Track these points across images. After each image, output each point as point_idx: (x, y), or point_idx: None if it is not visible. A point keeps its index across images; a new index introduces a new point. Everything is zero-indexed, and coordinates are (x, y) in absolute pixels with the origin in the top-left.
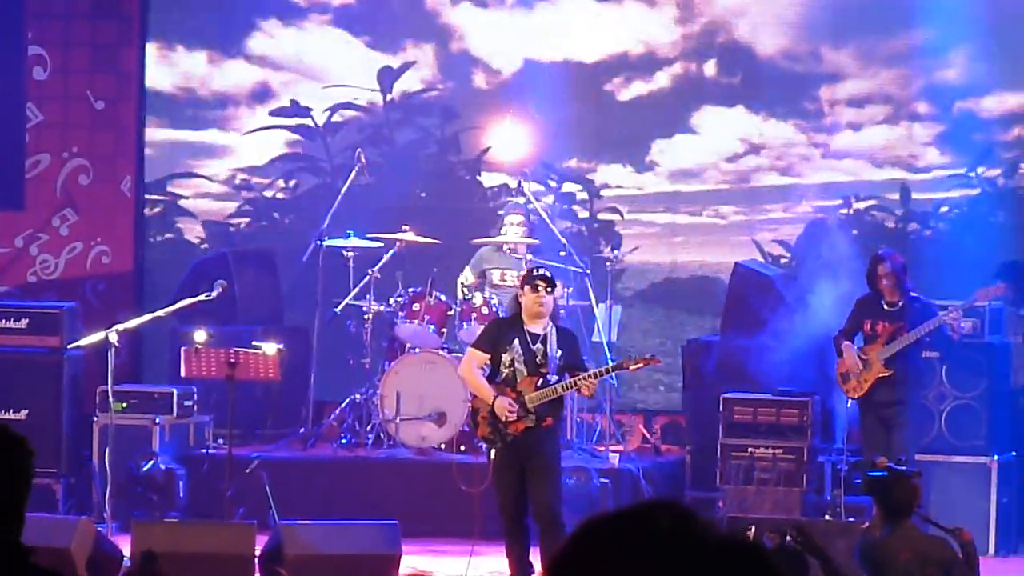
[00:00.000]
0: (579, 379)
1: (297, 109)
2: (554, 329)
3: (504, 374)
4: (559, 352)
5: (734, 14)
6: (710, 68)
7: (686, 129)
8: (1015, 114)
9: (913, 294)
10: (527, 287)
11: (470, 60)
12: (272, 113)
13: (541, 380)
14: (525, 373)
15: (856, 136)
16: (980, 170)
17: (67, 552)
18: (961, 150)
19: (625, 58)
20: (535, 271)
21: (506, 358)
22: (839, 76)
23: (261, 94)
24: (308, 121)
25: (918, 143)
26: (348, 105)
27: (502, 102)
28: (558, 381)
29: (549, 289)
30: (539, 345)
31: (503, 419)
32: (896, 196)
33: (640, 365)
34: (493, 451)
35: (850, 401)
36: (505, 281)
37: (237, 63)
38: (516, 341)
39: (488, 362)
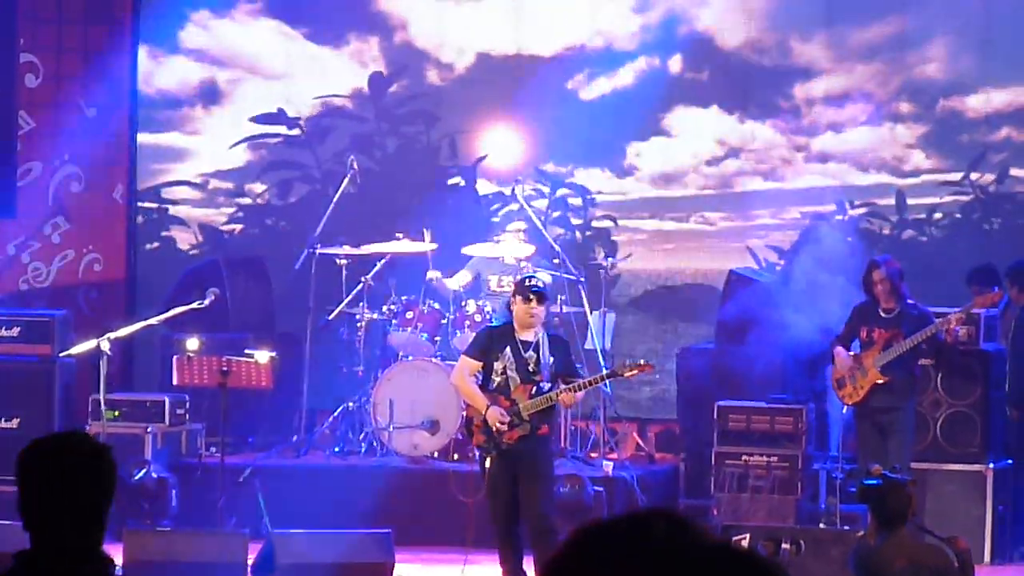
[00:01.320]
0: (575, 385)
1: (284, 117)
2: (546, 336)
3: (496, 382)
4: (551, 359)
5: (693, 3)
6: (675, 64)
7: (661, 131)
8: (1002, 114)
9: (910, 301)
10: (519, 296)
11: (418, 54)
12: (257, 120)
13: (535, 388)
14: (518, 381)
15: (838, 138)
16: (974, 176)
17: None
18: (948, 152)
19: (583, 52)
20: (527, 281)
21: (498, 366)
22: (812, 71)
23: (209, 93)
24: (295, 130)
25: (902, 145)
26: (336, 112)
27: (460, 100)
28: (551, 389)
29: (541, 302)
30: (531, 352)
31: (496, 429)
32: (889, 201)
33: (635, 372)
34: (488, 459)
35: (845, 408)
36: (502, 287)
37: (176, 59)
38: (508, 349)
39: (480, 370)
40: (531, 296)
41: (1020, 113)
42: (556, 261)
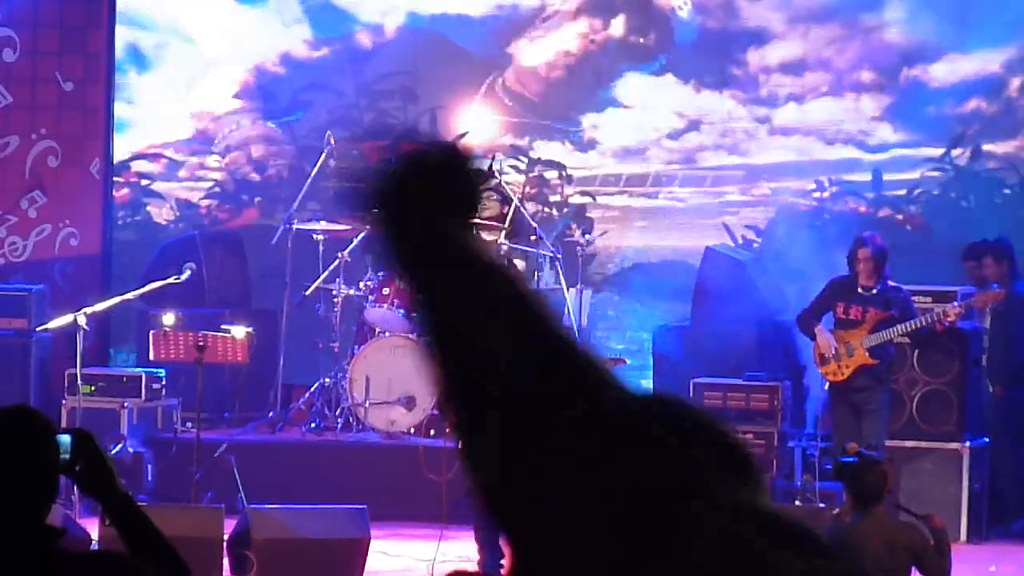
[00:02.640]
0: None
1: (262, 92)
2: None
3: None
4: None
5: None
6: (618, 27)
7: (614, 101)
8: (968, 82)
9: (891, 283)
10: None
11: (343, 15)
12: (236, 95)
13: None
14: None
15: (800, 110)
16: (955, 153)
17: None
18: (916, 126)
19: (516, 11)
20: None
21: None
22: (764, 36)
23: (137, 58)
24: (272, 103)
25: (867, 117)
26: (314, 86)
27: (396, 67)
28: None
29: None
30: None
31: None
32: (858, 177)
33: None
34: None
35: (828, 384)
36: None
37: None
38: None
39: None
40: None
41: (988, 82)
42: (533, 238)
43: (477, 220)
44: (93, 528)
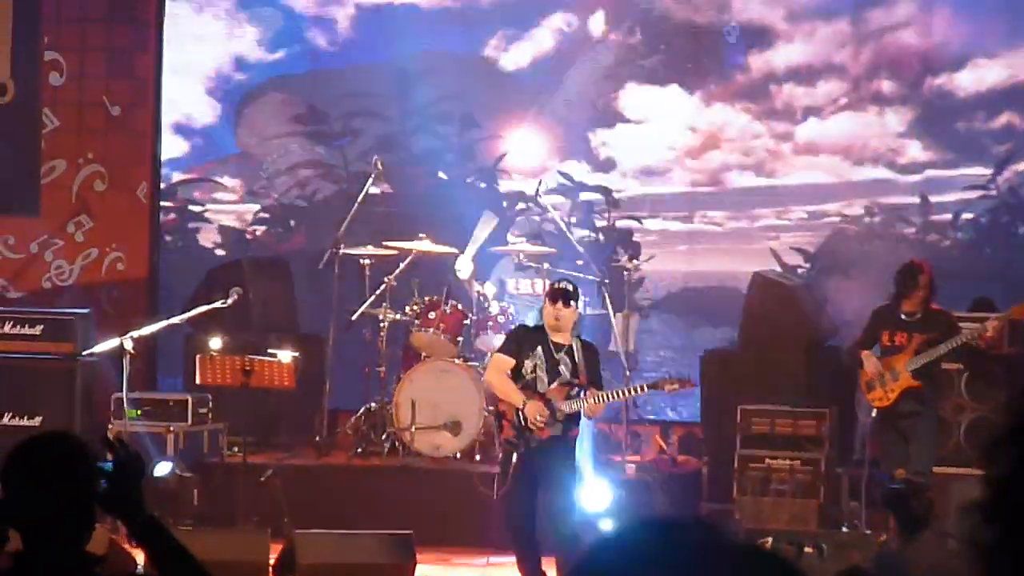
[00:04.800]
0: (615, 392)
1: (314, 115)
2: (578, 341)
3: (524, 381)
4: (584, 364)
5: None
6: (596, 23)
7: (618, 114)
8: (997, 92)
9: (935, 307)
10: (547, 299)
11: (295, 16)
12: (291, 119)
13: (575, 390)
14: (546, 382)
15: (822, 126)
16: (1002, 179)
17: None
18: (946, 144)
19: (476, 4)
20: (555, 284)
21: (528, 365)
22: (764, 35)
23: None
24: (324, 128)
25: (893, 134)
26: (364, 111)
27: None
28: (578, 394)
29: (567, 304)
30: (562, 355)
31: (533, 424)
32: (896, 199)
33: (676, 387)
34: (514, 456)
35: (875, 411)
36: (519, 290)
37: None
38: (539, 349)
39: (510, 369)
40: (557, 298)
41: (1017, 93)
42: (579, 263)
43: None
44: (138, 553)
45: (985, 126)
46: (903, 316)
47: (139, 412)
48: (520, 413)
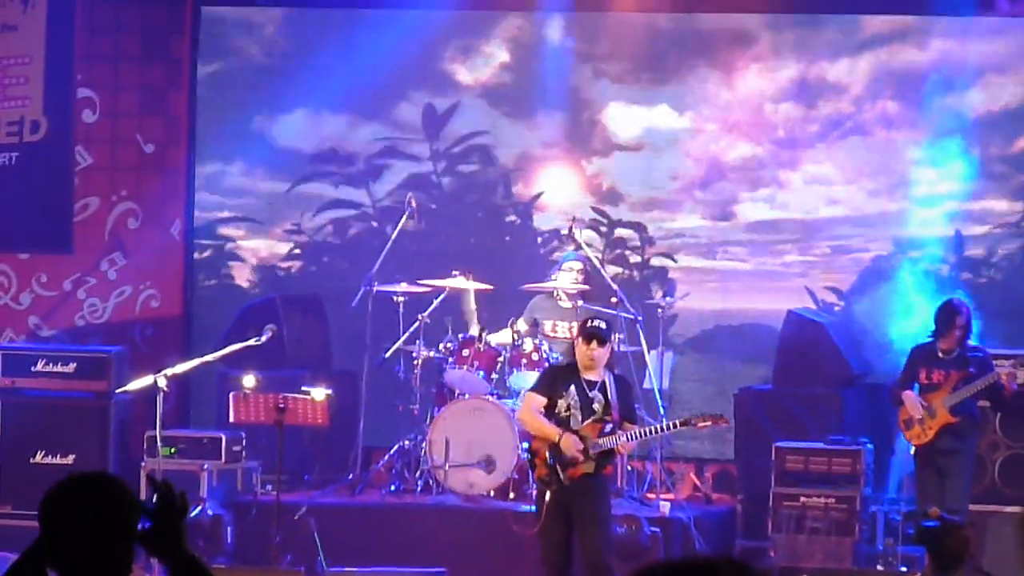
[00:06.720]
0: (647, 430)
1: (339, 156)
2: (611, 377)
3: (558, 418)
4: (617, 400)
5: None
6: (554, 31)
7: (606, 138)
8: (1011, 114)
9: (971, 343)
10: (580, 338)
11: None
12: (315, 159)
13: (610, 426)
14: (580, 420)
15: (828, 154)
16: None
17: None
18: (963, 172)
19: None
20: (589, 322)
21: (562, 404)
22: (740, 36)
23: None
24: (350, 168)
25: (906, 162)
26: (392, 152)
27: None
28: (612, 430)
29: (601, 344)
30: (596, 392)
31: (570, 458)
32: (920, 231)
33: (708, 423)
34: (547, 493)
35: (913, 448)
36: (556, 333)
37: None
38: (572, 387)
39: (544, 407)
40: (591, 338)
41: None
42: (614, 300)
43: None
44: None
45: (1003, 152)
46: (940, 354)
47: (173, 450)
48: (553, 450)
